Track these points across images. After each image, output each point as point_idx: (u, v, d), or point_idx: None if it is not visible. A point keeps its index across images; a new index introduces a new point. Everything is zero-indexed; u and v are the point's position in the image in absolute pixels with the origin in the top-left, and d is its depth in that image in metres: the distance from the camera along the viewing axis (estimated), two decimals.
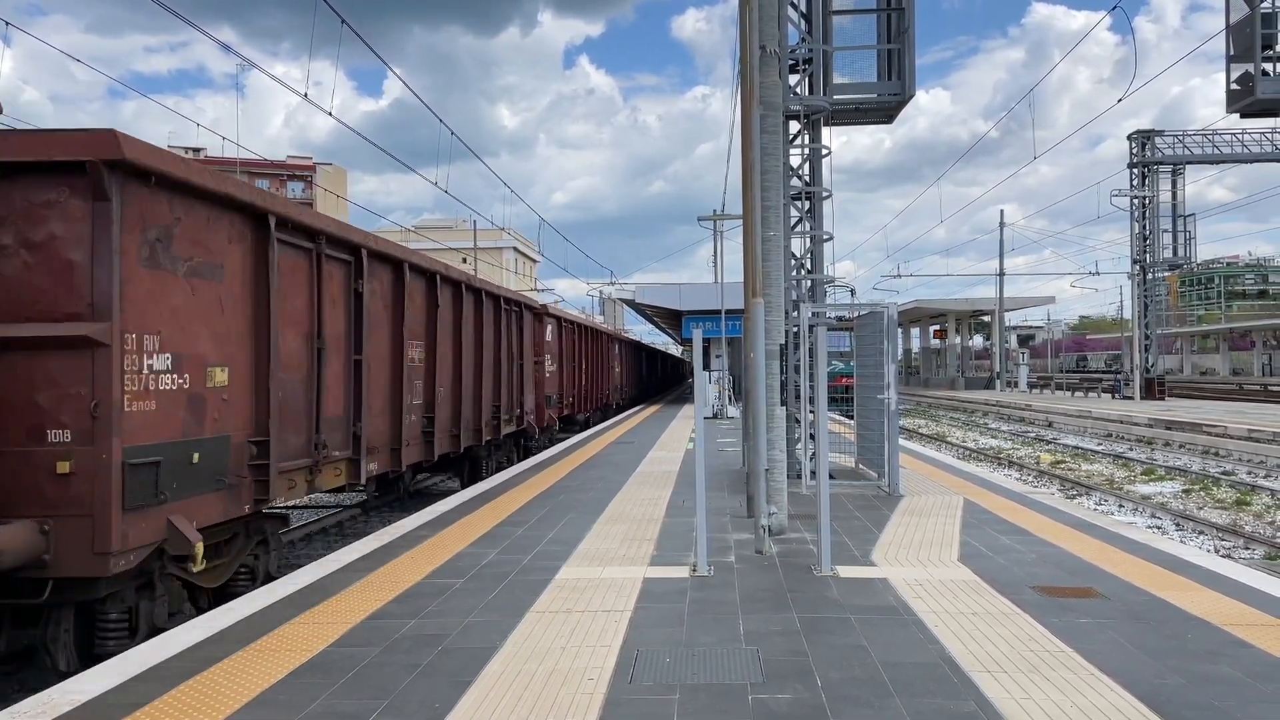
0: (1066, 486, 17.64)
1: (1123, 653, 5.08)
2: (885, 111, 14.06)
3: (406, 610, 6.12)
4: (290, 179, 73.42)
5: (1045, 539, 8.35)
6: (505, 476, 13.69)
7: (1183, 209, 39.44)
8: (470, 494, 11.78)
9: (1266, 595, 6.27)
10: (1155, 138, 38.09)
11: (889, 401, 11.07)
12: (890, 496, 11.03)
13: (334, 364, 9.06)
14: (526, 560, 7.66)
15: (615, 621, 5.81)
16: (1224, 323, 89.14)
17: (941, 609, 6.03)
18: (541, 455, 17.20)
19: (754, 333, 8.67)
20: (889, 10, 13.52)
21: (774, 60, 9.52)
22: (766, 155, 9.32)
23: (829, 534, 7.29)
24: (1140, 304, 39.48)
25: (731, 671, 4.84)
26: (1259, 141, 35.66)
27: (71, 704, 4.46)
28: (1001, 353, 57.91)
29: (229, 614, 6.08)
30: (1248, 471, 19.07)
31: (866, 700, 4.41)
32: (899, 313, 13.10)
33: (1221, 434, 23.81)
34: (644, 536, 8.63)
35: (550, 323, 21.69)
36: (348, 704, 4.43)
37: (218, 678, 4.82)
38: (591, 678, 4.77)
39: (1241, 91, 22.13)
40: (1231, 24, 22.17)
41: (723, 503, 10.69)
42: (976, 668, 4.86)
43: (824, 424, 7.79)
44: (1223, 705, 4.29)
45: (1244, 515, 14.26)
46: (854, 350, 14.08)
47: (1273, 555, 11.33)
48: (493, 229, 56.81)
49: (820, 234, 13.15)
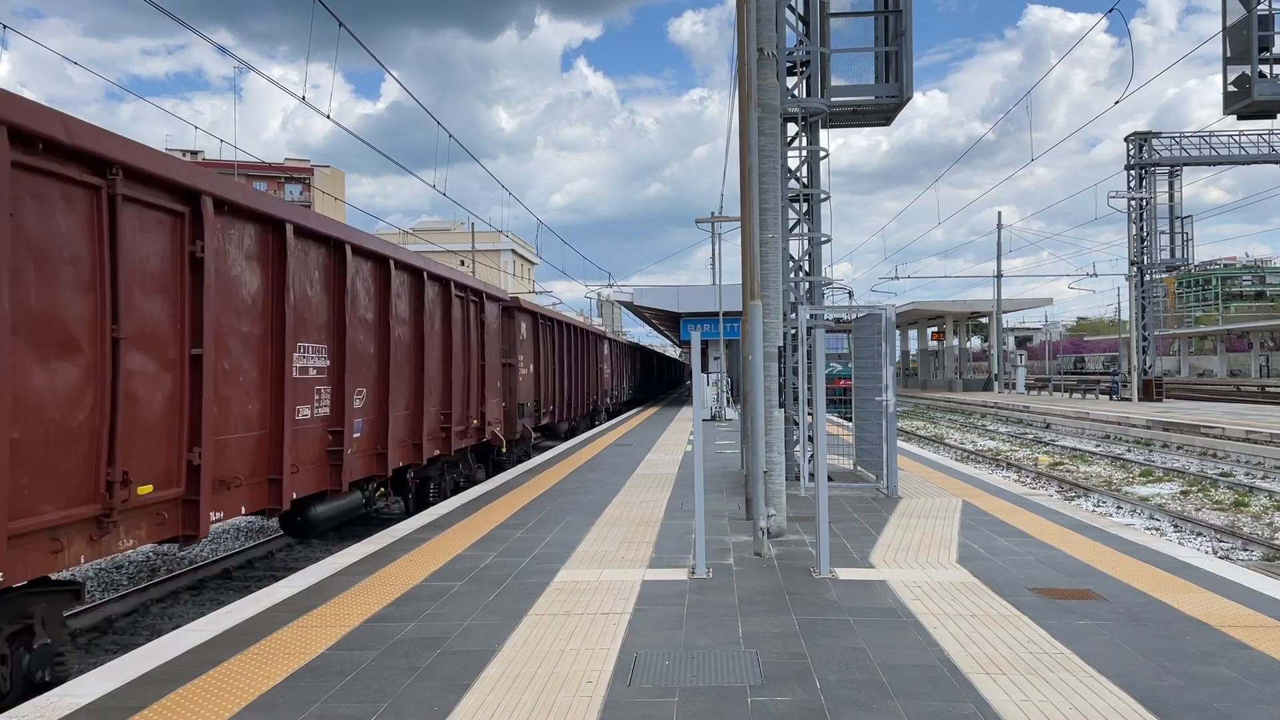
0: (1065, 488, 17.65)
1: (1121, 655, 5.08)
2: (883, 113, 14.07)
3: (405, 613, 6.12)
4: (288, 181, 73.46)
5: (1043, 541, 8.36)
6: (504, 479, 13.66)
7: (1180, 210, 39.54)
8: (468, 497, 11.77)
9: (1265, 597, 6.27)
10: (1152, 139, 38.18)
11: (887, 403, 11.07)
12: (888, 498, 11.03)
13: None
14: (525, 563, 7.66)
15: (614, 624, 5.81)
16: (1221, 324, 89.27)
17: (940, 611, 6.03)
18: (537, 459, 17.11)
19: (752, 335, 8.68)
20: (886, 12, 13.54)
21: (772, 62, 9.53)
22: (764, 157, 9.33)
23: (827, 536, 7.29)
24: (1138, 305, 39.53)
25: (730, 674, 4.84)
26: (1256, 143, 35.76)
27: (69, 708, 4.45)
28: (999, 354, 57.95)
29: (227, 617, 6.07)
30: (1245, 473, 19.09)
31: (865, 703, 4.41)
32: (897, 314, 13.12)
33: (1219, 435, 23.84)
34: (642, 539, 8.63)
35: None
36: (346, 707, 4.42)
37: (216, 681, 4.82)
38: (590, 680, 4.77)
39: (1238, 93, 22.16)
40: (1228, 26, 22.21)
41: (721, 505, 10.69)
42: (975, 670, 4.86)
43: (822, 426, 7.80)
44: (1221, 707, 4.29)
45: (1242, 516, 14.27)
46: (852, 352, 14.09)
47: (1271, 557, 11.34)
48: (491, 231, 56.84)
49: (818, 236, 13.16)
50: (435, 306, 12.78)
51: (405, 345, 11.65)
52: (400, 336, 11.40)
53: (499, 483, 13.17)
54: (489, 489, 12.45)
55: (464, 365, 14.22)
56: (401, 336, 11.45)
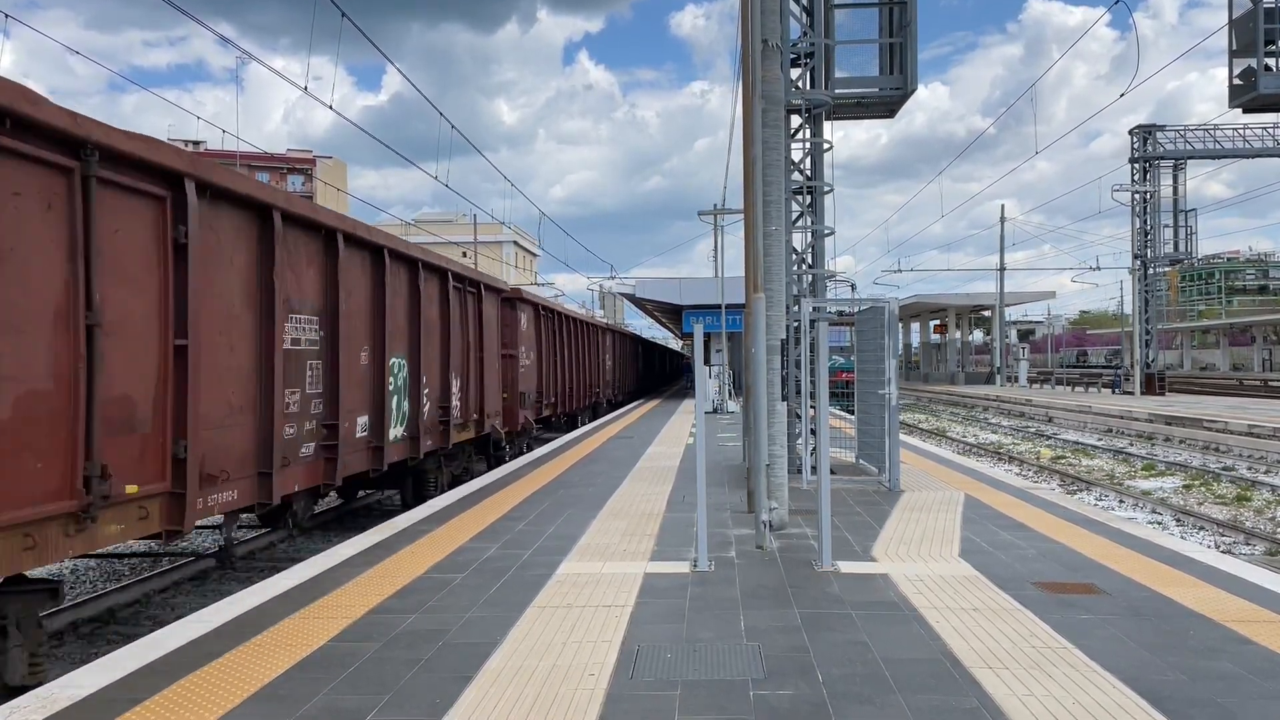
0: (1067, 482, 17.64)
1: (1124, 649, 5.07)
2: (887, 106, 14.02)
3: (407, 605, 6.12)
4: (290, 172, 73.41)
5: (1046, 535, 8.35)
6: (505, 471, 13.67)
7: (1184, 204, 39.44)
8: (469, 489, 11.77)
9: (1267, 591, 6.26)
10: (1156, 133, 38.06)
11: (889, 397, 11.06)
12: (891, 492, 11.03)
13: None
14: (527, 555, 7.66)
15: (616, 617, 5.80)
16: (1224, 318, 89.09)
17: (943, 605, 6.02)
18: (539, 451, 17.11)
19: (755, 328, 8.65)
20: (891, 4, 13.48)
21: (776, 54, 9.49)
22: (768, 149, 9.30)
23: (829, 529, 7.29)
24: (1141, 299, 39.47)
25: (732, 668, 4.83)
26: (1260, 137, 35.66)
27: (71, 699, 4.45)
28: (1001, 348, 57.92)
29: (228, 608, 6.07)
30: (1248, 467, 19.07)
31: (868, 697, 4.40)
32: (899, 308, 13.10)
33: (1222, 429, 23.81)
34: (644, 532, 8.63)
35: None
36: (348, 699, 4.42)
37: (218, 672, 4.82)
38: (592, 673, 4.76)
39: (1243, 87, 22.11)
40: (1234, 19, 22.13)
41: (723, 498, 10.69)
42: (978, 664, 4.85)
43: (824, 419, 7.78)
44: (1224, 702, 4.28)
45: (1244, 511, 14.26)
46: (854, 345, 14.07)
47: (1273, 551, 11.33)
48: (492, 223, 56.78)
49: (821, 229, 13.12)
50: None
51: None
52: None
53: (500, 475, 13.18)
54: (490, 481, 12.46)
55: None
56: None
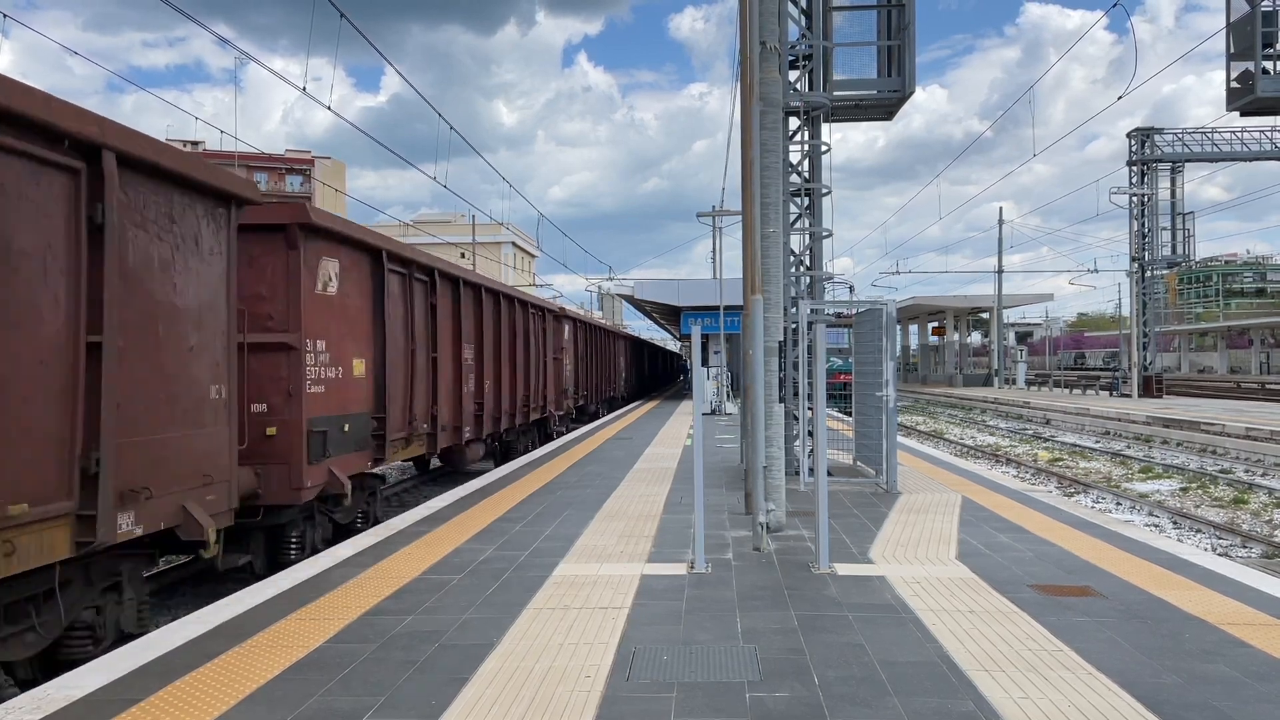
0: (1064, 484, 17.64)
1: (1120, 652, 5.07)
2: (885, 108, 14.03)
3: (403, 606, 6.11)
4: (289, 172, 73.35)
5: (1043, 537, 8.35)
6: (506, 470, 13.67)
7: (1181, 207, 39.45)
8: (467, 490, 11.76)
9: (1264, 594, 6.26)
10: (1155, 135, 38.09)
11: (887, 398, 11.05)
12: (888, 494, 11.03)
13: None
14: (524, 556, 7.65)
15: (613, 619, 5.80)
16: (1222, 321, 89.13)
17: (939, 607, 6.02)
18: (539, 451, 17.19)
19: (753, 329, 8.65)
20: (889, 6, 13.48)
21: (774, 56, 9.49)
22: (766, 151, 9.30)
23: (827, 531, 7.28)
24: (1138, 301, 39.50)
25: (729, 670, 4.83)
26: (1258, 140, 35.67)
27: (67, 699, 4.45)
28: (1000, 350, 57.94)
29: (224, 609, 6.06)
30: (1245, 470, 19.08)
31: (864, 699, 4.40)
32: (897, 309, 13.10)
33: (1219, 432, 23.83)
34: (642, 533, 8.62)
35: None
36: (344, 701, 4.42)
37: (213, 673, 4.81)
38: (589, 675, 4.76)
39: (1241, 90, 22.13)
40: (1232, 22, 22.16)
41: (720, 500, 10.68)
42: (974, 667, 4.85)
43: (822, 421, 7.78)
44: (1220, 705, 4.28)
45: (1242, 514, 14.26)
46: (852, 347, 14.07)
47: (1270, 554, 11.33)
48: (491, 224, 56.75)
49: (819, 231, 13.12)
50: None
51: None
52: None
53: (500, 475, 13.18)
54: (488, 482, 12.45)
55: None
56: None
